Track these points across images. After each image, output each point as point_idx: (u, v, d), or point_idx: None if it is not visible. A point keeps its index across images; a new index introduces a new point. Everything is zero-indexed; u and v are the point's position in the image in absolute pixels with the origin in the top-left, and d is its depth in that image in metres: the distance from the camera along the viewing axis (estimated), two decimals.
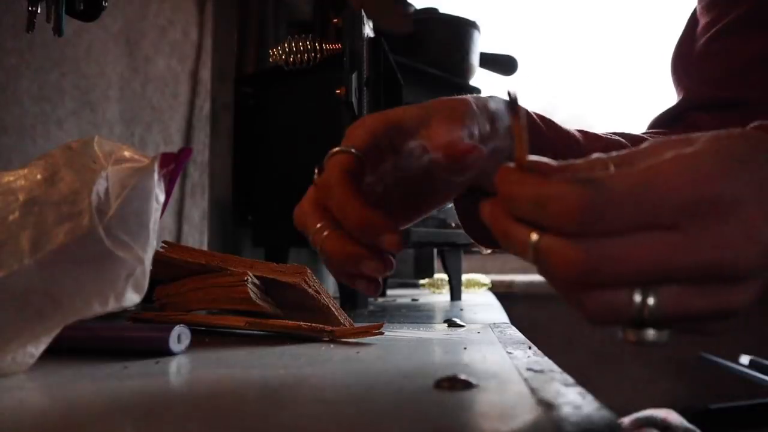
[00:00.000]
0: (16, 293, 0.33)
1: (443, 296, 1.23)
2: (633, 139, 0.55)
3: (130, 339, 0.44)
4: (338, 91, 0.68)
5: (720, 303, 0.27)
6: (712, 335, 0.30)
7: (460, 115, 0.40)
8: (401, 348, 0.50)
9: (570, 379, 0.35)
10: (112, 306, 0.36)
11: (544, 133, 0.49)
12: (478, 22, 1.17)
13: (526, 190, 0.26)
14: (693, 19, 0.68)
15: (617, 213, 0.25)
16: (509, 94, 0.29)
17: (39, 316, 0.34)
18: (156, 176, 0.38)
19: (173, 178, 0.41)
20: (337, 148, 0.40)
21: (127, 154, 0.39)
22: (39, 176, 0.37)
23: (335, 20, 0.72)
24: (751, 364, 1.40)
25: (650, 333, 0.28)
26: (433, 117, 0.40)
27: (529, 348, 0.49)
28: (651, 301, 0.26)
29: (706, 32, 0.64)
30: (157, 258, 0.39)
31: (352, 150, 0.39)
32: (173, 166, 0.41)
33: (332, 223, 0.38)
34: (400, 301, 1.10)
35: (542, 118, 0.49)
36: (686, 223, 0.25)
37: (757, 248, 0.26)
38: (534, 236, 0.26)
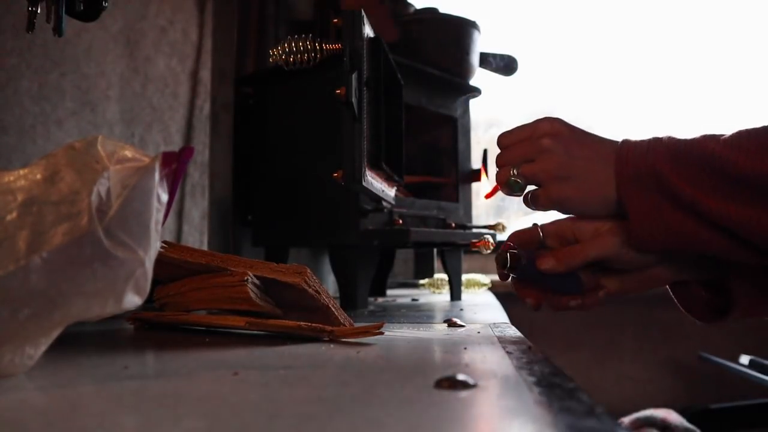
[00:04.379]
0: (12, 294, 0.33)
1: (443, 296, 1.23)
2: None
3: None
4: (338, 91, 0.67)
5: (539, 168, 0.56)
6: (550, 200, 0.56)
7: None
8: (401, 348, 0.50)
9: (570, 380, 0.35)
10: (111, 308, 0.36)
11: None
12: (478, 22, 1.17)
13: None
14: None
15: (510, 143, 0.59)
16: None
17: (36, 318, 0.34)
18: (157, 175, 0.38)
19: (177, 178, 0.41)
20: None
21: (128, 153, 0.39)
22: (39, 176, 0.36)
23: (335, 20, 0.71)
24: (751, 364, 1.40)
25: (512, 179, 0.57)
26: None
27: (529, 348, 0.49)
28: (514, 170, 0.57)
29: None
30: (157, 258, 0.39)
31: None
32: (175, 165, 0.41)
33: None
34: (400, 301, 1.10)
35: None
36: (529, 141, 0.57)
37: (540, 140, 0.56)
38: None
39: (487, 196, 0.80)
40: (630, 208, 0.53)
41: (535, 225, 0.61)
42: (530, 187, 0.58)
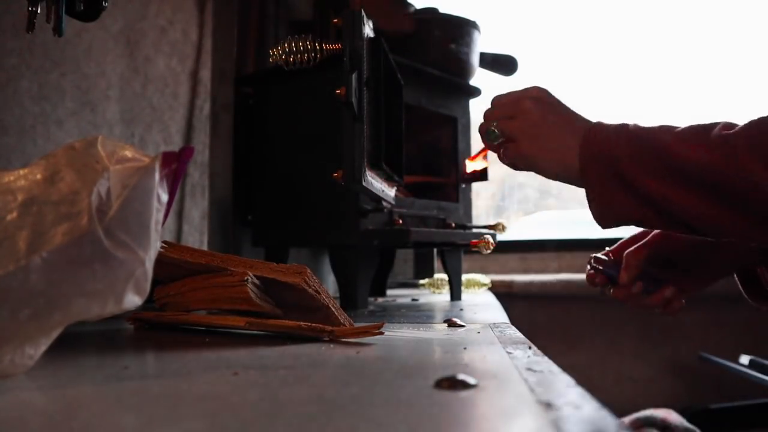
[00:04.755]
0: (12, 294, 0.33)
1: (443, 296, 1.23)
2: None
3: None
4: (338, 91, 0.67)
5: (516, 124, 0.63)
6: (518, 155, 0.64)
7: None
8: (401, 348, 0.50)
9: (570, 379, 0.35)
10: (111, 308, 0.36)
11: None
12: (478, 22, 1.17)
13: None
14: None
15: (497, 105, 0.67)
16: None
17: (36, 318, 0.34)
18: (157, 176, 0.38)
19: (177, 178, 0.41)
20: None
21: (128, 153, 0.39)
22: (39, 176, 0.37)
23: (335, 20, 0.71)
24: (751, 364, 1.40)
25: (490, 129, 0.65)
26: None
27: (529, 348, 0.49)
28: (494, 125, 0.65)
29: None
30: (157, 258, 0.39)
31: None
32: (175, 165, 0.41)
33: None
34: (400, 301, 1.10)
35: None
36: (515, 102, 0.64)
37: (523, 101, 0.64)
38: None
39: (471, 158, 0.95)
40: (587, 183, 0.61)
41: (606, 250, 0.74)
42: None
